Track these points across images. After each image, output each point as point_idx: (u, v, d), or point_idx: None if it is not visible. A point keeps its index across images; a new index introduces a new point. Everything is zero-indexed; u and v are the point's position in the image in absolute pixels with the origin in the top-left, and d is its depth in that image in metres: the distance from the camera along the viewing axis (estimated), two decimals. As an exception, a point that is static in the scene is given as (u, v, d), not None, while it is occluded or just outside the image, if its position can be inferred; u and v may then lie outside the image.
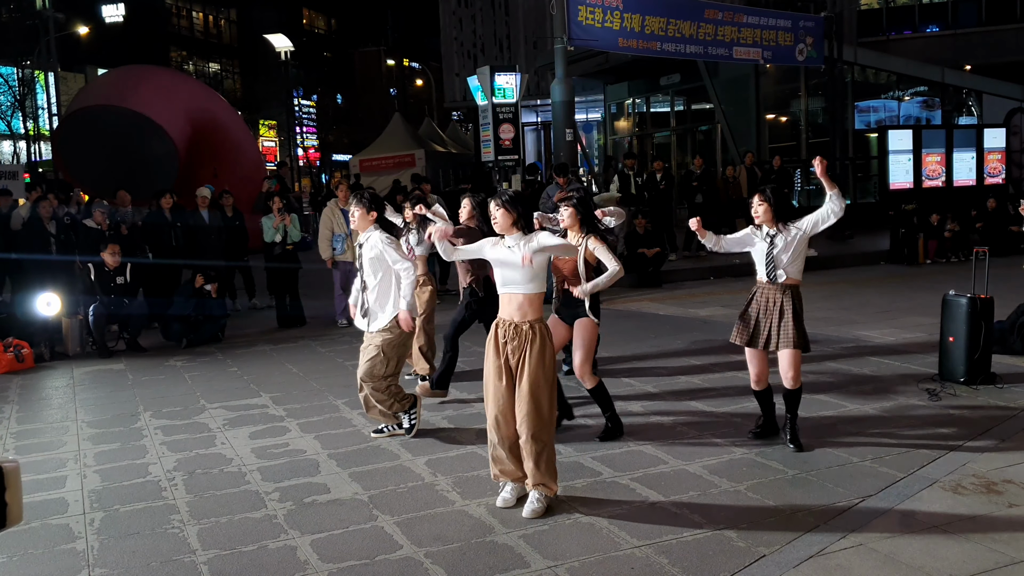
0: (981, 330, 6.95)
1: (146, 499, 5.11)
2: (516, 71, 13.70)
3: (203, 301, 10.08)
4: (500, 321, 4.75)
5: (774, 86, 22.64)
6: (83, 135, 16.84)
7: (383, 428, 6.19)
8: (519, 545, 4.29)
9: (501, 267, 4.71)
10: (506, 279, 4.70)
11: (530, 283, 4.64)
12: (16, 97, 36.21)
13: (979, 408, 6.38)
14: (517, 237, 4.68)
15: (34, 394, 8.05)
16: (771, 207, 5.52)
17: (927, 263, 15.27)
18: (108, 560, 4.29)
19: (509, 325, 4.69)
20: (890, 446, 5.59)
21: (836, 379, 7.40)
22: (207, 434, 6.43)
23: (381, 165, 28.10)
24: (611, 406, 6.03)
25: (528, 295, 4.65)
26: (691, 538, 4.31)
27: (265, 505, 4.95)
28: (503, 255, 4.69)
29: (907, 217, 15.81)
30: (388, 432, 6.16)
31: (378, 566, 4.12)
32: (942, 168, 17.92)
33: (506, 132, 13.18)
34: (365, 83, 66.46)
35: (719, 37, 15.70)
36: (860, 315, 10.37)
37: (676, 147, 25.50)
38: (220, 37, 60.20)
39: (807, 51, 17.24)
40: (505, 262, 4.67)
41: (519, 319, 4.66)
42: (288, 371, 8.53)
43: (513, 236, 4.70)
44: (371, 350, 5.87)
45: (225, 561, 4.23)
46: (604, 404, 6.02)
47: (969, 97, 22.78)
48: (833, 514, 4.53)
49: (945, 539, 4.17)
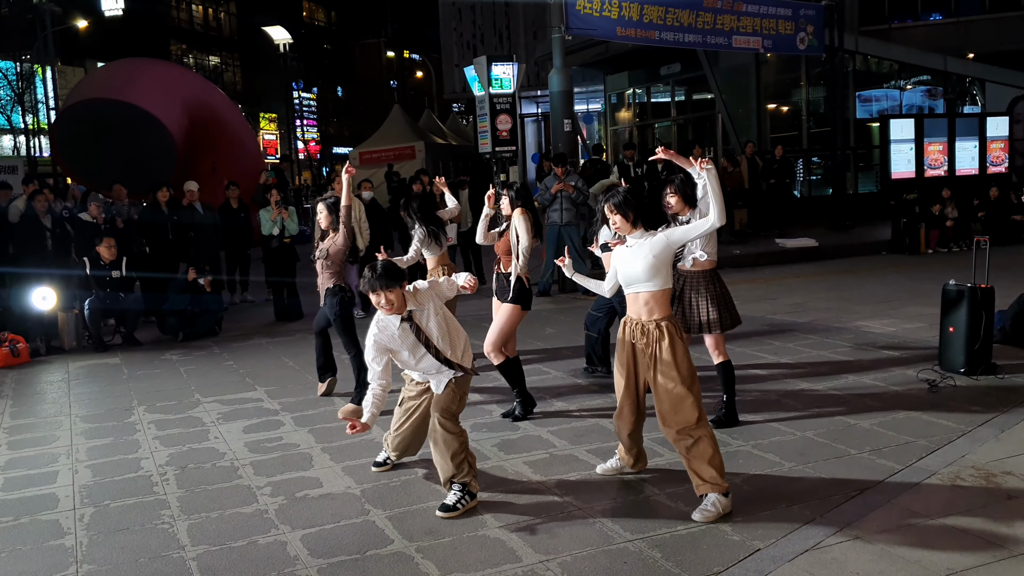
0: (982, 320, 6.88)
1: (137, 494, 5.07)
2: (513, 61, 13.59)
3: (199, 295, 10.04)
4: (628, 319, 4.64)
5: (775, 75, 22.51)
6: (80, 129, 16.77)
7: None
8: (511, 539, 4.24)
9: (623, 267, 4.57)
10: (628, 278, 4.55)
11: (652, 280, 4.48)
12: (15, 91, 36.18)
13: (979, 399, 6.31)
14: (639, 235, 4.54)
15: (29, 388, 8.01)
16: (682, 198, 5.57)
17: (929, 253, 15.20)
18: (96, 556, 4.25)
19: (636, 324, 4.58)
20: (888, 437, 5.53)
21: (835, 369, 7.34)
22: (200, 428, 6.39)
23: (381, 157, 28.01)
24: (521, 383, 6.20)
25: (653, 292, 4.50)
26: (685, 532, 4.26)
27: (256, 500, 4.91)
28: (625, 256, 4.57)
29: (909, 207, 15.73)
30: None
31: (368, 561, 4.07)
32: (944, 157, 17.82)
33: (504, 123, 13.07)
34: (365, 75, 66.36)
35: (718, 26, 15.57)
36: (861, 305, 10.31)
37: (677, 137, 25.38)
38: (220, 30, 60.13)
39: (808, 40, 17.11)
40: (628, 261, 4.53)
41: (646, 318, 4.53)
42: (284, 365, 8.49)
43: (634, 235, 4.55)
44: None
45: (214, 557, 4.18)
46: (513, 380, 6.20)
47: (972, 85, 22.62)
48: (829, 507, 4.47)
49: (943, 532, 4.11)
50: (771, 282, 12.65)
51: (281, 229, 10.92)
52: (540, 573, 3.89)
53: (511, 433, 5.94)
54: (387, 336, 4.67)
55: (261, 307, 11.92)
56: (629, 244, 4.57)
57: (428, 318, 4.69)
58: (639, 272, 4.49)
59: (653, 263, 4.44)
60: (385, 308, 4.59)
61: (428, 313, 4.70)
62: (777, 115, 22.78)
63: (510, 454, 5.52)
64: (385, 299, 4.55)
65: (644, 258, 4.46)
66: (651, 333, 4.50)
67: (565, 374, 7.60)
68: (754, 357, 7.91)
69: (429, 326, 4.68)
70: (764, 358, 7.87)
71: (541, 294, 11.91)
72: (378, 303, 4.58)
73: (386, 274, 4.55)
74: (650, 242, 4.49)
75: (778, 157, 17.49)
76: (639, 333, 4.56)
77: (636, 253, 4.50)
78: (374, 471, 5.27)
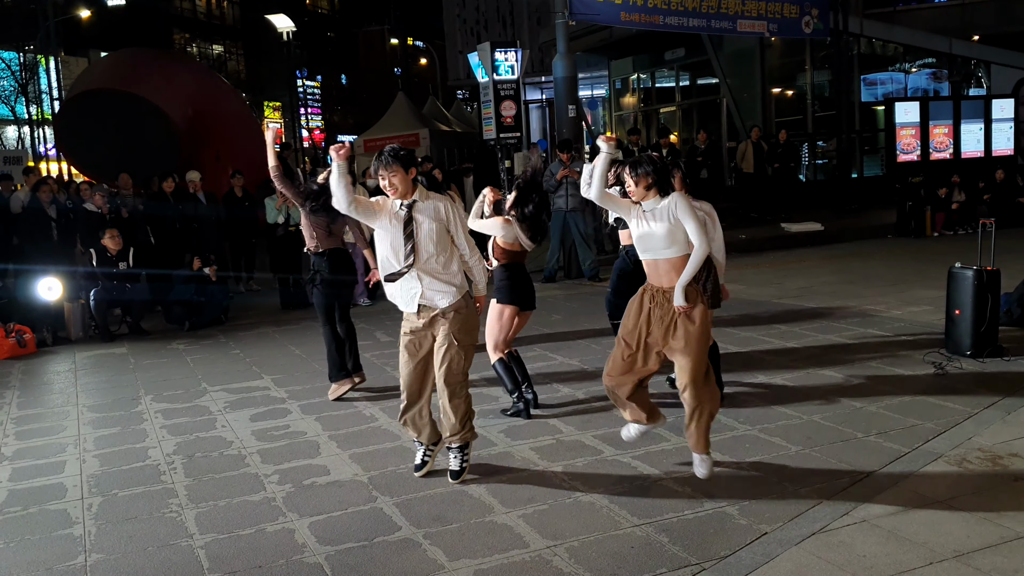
0: (987, 303, 6.87)
1: (145, 483, 5.09)
2: (517, 47, 13.55)
3: (205, 285, 10.05)
4: (647, 287, 4.60)
5: (779, 59, 22.39)
6: (84, 119, 16.77)
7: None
8: (518, 525, 4.25)
9: (641, 235, 4.52)
10: (646, 245, 4.52)
11: (671, 247, 4.44)
12: (19, 82, 36.15)
13: (985, 381, 6.30)
14: (654, 201, 4.48)
15: (35, 379, 8.04)
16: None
17: (934, 236, 15.15)
18: (105, 545, 4.27)
19: (657, 291, 4.53)
20: (894, 420, 5.52)
21: (841, 353, 7.33)
22: (208, 417, 6.41)
23: (385, 145, 27.90)
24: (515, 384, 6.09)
25: (671, 259, 4.46)
26: (692, 516, 4.26)
27: (264, 488, 4.92)
28: (641, 223, 4.50)
29: (914, 190, 15.67)
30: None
31: (376, 548, 4.08)
32: (950, 140, 17.73)
33: (508, 109, 13.04)
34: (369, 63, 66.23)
35: (723, 10, 15.49)
36: (867, 288, 10.28)
37: (681, 122, 25.29)
38: (223, 19, 60.02)
39: (813, 23, 17.01)
40: (646, 228, 4.48)
41: (667, 284, 4.48)
42: (291, 353, 8.50)
43: (649, 201, 4.50)
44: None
45: (222, 545, 4.20)
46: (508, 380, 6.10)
47: (978, 68, 22.49)
48: (836, 490, 4.47)
49: (950, 514, 4.11)
50: (776, 266, 12.62)
51: (286, 217, 10.92)
52: (548, 558, 3.90)
53: (518, 419, 5.94)
54: (383, 204, 4.70)
55: (267, 296, 11.94)
56: (645, 210, 4.50)
57: (428, 219, 4.67)
58: (657, 239, 4.44)
59: (671, 229, 4.40)
60: (390, 191, 4.67)
61: (429, 213, 4.68)
62: (782, 99, 22.67)
63: (517, 440, 5.53)
64: (390, 181, 4.62)
65: (662, 224, 4.41)
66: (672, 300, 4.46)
67: (571, 360, 7.60)
68: (760, 341, 7.90)
69: (424, 225, 4.66)
70: (770, 342, 7.86)
71: (547, 280, 11.91)
72: (384, 186, 4.65)
73: (393, 155, 4.64)
74: (667, 207, 4.43)
75: (782, 141, 17.41)
76: (661, 298, 4.51)
77: (652, 220, 4.45)
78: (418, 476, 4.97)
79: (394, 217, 4.67)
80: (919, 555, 3.73)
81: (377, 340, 8.79)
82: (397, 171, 4.60)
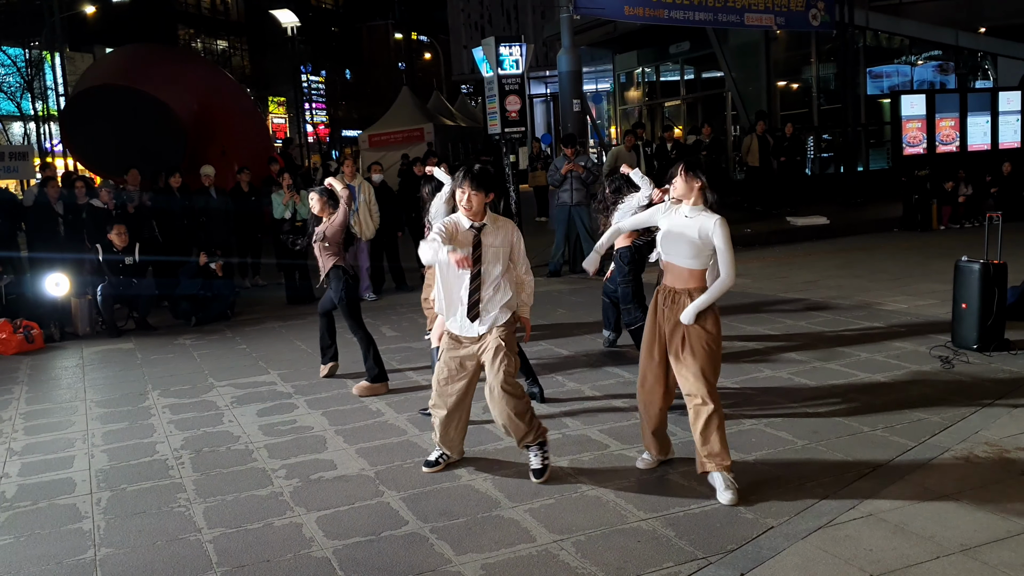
0: (994, 296, 6.85)
1: (153, 478, 5.11)
2: (522, 41, 13.53)
3: (211, 280, 10.07)
4: (662, 287, 4.58)
5: (785, 52, 22.31)
6: (89, 115, 16.78)
7: None
8: (525, 519, 4.26)
9: (669, 235, 4.46)
10: (670, 249, 4.47)
11: (694, 259, 4.40)
12: (24, 78, 36.21)
13: (992, 375, 6.29)
14: (699, 209, 4.41)
15: (43, 374, 8.07)
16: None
17: (941, 229, 15.11)
18: (114, 539, 4.29)
19: (669, 291, 4.52)
20: (901, 414, 5.52)
21: (847, 346, 7.32)
22: (215, 412, 6.43)
23: (390, 140, 27.96)
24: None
25: (691, 270, 4.42)
26: (698, 510, 4.27)
27: (271, 482, 4.94)
28: (677, 223, 4.43)
29: (920, 183, 15.62)
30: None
31: (384, 542, 4.10)
32: (956, 133, 17.69)
33: (512, 104, 13.01)
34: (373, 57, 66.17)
35: (729, 3, 15.44)
36: (873, 282, 10.26)
37: (687, 116, 25.25)
38: (227, 14, 59.96)
39: (820, 16, 16.97)
40: (677, 231, 4.42)
41: (680, 286, 4.46)
42: (297, 348, 8.52)
43: (692, 207, 4.42)
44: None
45: (231, 539, 4.22)
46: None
47: (984, 60, 22.41)
48: (842, 484, 4.47)
49: (957, 508, 4.11)
50: (782, 260, 12.60)
51: (293, 213, 10.93)
52: (554, 552, 3.91)
53: (523, 414, 5.95)
54: (456, 227, 4.65)
55: (273, 291, 11.96)
56: (686, 215, 4.42)
57: (494, 245, 4.66)
58: (684, 245, 4.39)
59: (699, 246, 4.36)
60: (464, 207, 4.64)
61: (497, 242, 4.67)
62: (787, 92, 22.61)
63: (523, 435, 5.52)
64: (467, 198, 4.60)
65: (691, 237, 4.36)
66: (682, 302, 4.44)
67: (577, 354, 7.61)
68: (765, 335, 7.89)
69: (490, 251, 4.65)
70: (776, 336, 7.86)
71: (552, 275, 11.91)
72: (461, 200, 4.63)
73: (480, 175, 4.62)
74: (702, 223, 4.34)
75: (788, 135, 17.37)
76: (670, 301, 4.50)
77: (686, 227, 4.39)
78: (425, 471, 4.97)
79: (463, 236, 4.63)
80: (926, 549, 3.73)
81: (383, 335, 8.80)
82: (480, 192, 4.59)
